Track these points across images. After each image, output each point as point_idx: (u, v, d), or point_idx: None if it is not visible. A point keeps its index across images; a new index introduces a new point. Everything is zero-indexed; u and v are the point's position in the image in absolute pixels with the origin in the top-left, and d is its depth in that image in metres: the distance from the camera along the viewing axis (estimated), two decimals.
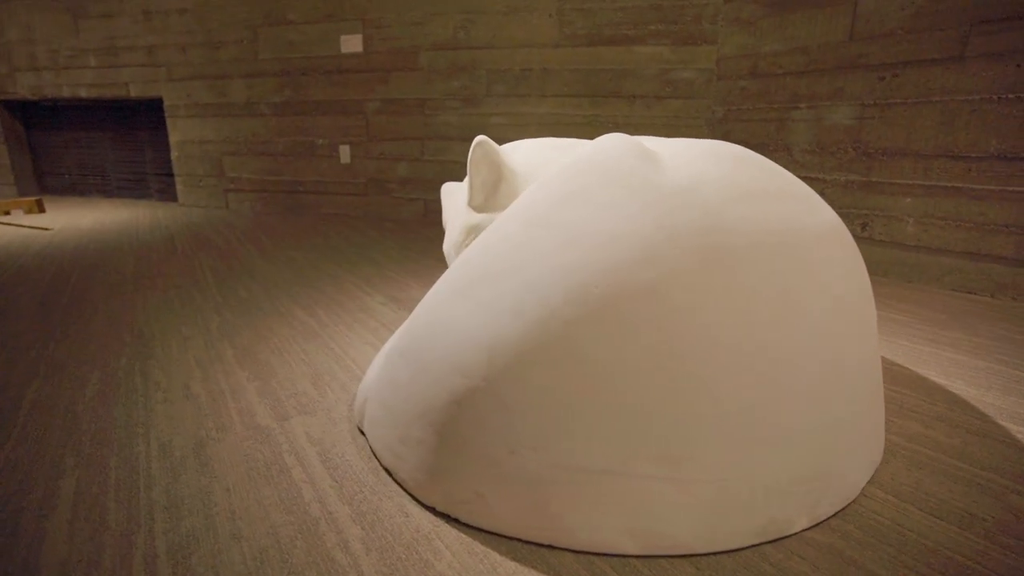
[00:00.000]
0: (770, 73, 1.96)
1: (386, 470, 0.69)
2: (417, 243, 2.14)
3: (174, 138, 3.01)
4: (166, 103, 2.96)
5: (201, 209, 3.03)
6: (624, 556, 0.55)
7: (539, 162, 0.87)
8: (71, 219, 2.75)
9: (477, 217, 0.89)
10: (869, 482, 0.68)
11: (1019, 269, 1.47)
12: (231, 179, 2.93)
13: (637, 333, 0.53)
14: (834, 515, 0.62)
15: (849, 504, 0.64)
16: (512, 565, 0.54)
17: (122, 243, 2.17)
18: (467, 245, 0.92)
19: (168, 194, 3.31)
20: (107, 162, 3.45)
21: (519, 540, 0.57)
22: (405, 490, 0.65)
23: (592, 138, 2.30)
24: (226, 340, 1.15)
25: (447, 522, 0.60)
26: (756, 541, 0.57)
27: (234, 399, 0.89)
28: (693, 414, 0.53)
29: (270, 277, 1.65)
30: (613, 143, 0.70)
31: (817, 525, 0.60)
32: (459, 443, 0.58)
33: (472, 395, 0.57)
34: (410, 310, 1.35)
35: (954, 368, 1.03)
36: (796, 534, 0.59)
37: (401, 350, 0.68)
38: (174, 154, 3.05)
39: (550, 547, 0.56)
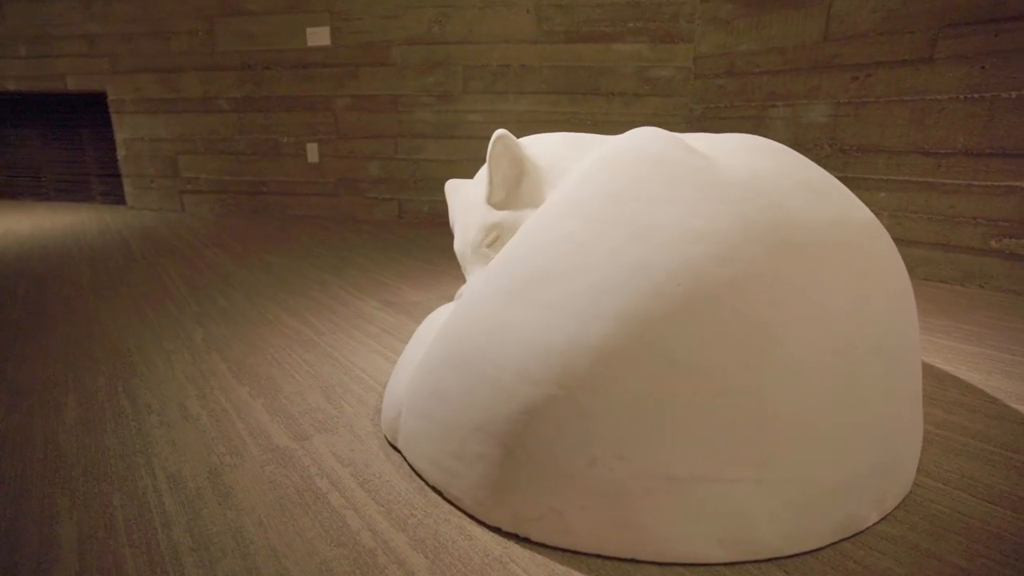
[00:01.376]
0: (747, 72, 2.01)
1: (434, 489, 0.64)
2: (398, 244, 2.07)
3: (121, 136, 2.79)
4: (110, 97, 2.74)
5: (154, 212, 2.82)
6: (711, 565, 0.53)
7: (560, 157, 0.84)
8: (6, 225, 2.50)
9: (498, 215, 0.85)
10: (916, 471, 0.69)
11: (985, 258, 1.56)
12: (187, 180, 2.75)
13: (722, 331, 0.51)
14: (897, 507, 0.62)
15: (907, 495, 0.64)
16: None
17: (71, 250, 1.99)
18: (487, 244, 0.87)
19: (114, 196, 3.07)
20: (41, 162, 3.17)
21: (599, 556, 0.54)
22: (460, 509, 0.61)
23: None
24: (216, 353, 1.06)
25: (517, 542, 0.56)
26: (835, 539, 0.56)
27: (241, 419, 0.82)
28: (777, 412, 0.52)
29: (249, 284, 1.55)
30: (654, 135, 0.68)
31: (884, 518, 0.60)
32: (530, 456, 0.54)
33: (545, 404, 0.53)
34: (408, 314, 1.29)
35: (953, 355, 1.07)
36: (868, 529, 0.58)
37: (447, 359, 0.63)
38: (121, 153, 2.83)
39: (633, 561, 0.53)
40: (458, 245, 0.95)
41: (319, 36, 2.36)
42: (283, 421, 0.81)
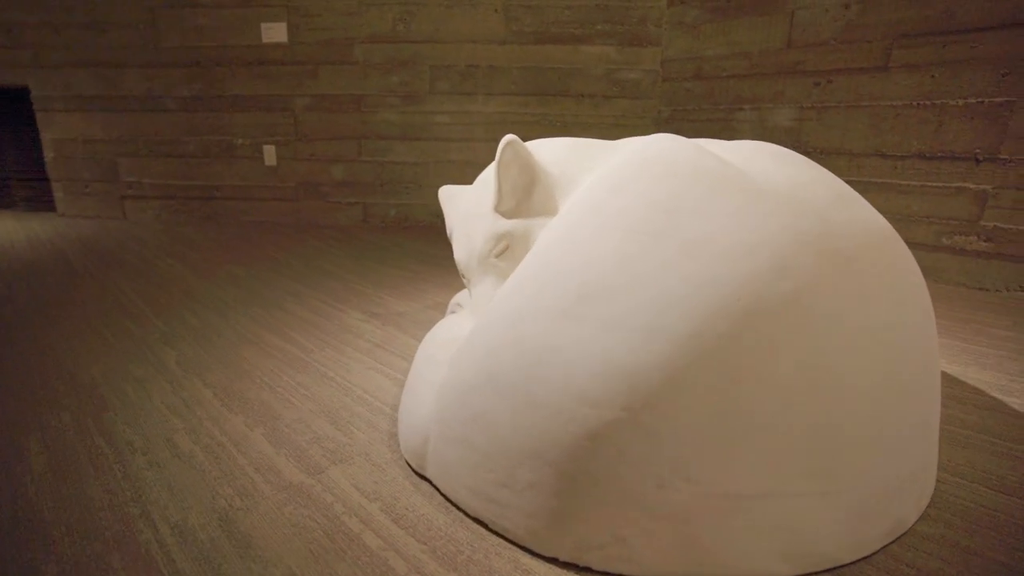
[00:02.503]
0: (714, 76, 2.06)
1: (476, 520, 0.61)
2: (369, 251, 1.99)
3: (48, 136, 2.55)
4: (34, 93, 2.50)
5: (90, 220, 2.59)
6: None
7: (569, 164, 0.82)
8: None
9: (507, 223, 0.81)
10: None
11: (938, 254, 1.67)
12: (128, 184, 2.54)
13: (784, 345, 0.51)
14: (929, 505, 0.64)
15: (933, 492, 0.66)
16: None
17: None
18: (496, 254, 0.84)
19: (40, 202, 2.80)
20: None
21: None
22: (509, 541, 0.58)
23: (542, 137, 2.28)
24: (196, 378, 0.98)
25: (576, 572, 0.53)
26: (885, 543, 0.57)
27: (242, 453, 0.75)
28: (836, 423, 0.52)
29: (216, 298, 1.44)
30: (676, 143, 0.67)
31: (921, 518, 0.62)
32: (594, 482, 0.52)
33: (610, 427, 0.51)
34: (397, 326, 1.24)
35: None
36: (909, 530, 0.60)
37: (486, 382, 0.60)
38: (49, 155, 2.58)
39: None
40: (460, 255, 0.91)
41: (275, 32, 2.24)
42: (291, 453, 0.75)
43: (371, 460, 0.73)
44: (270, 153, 2.38)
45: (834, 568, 0.54)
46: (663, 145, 0.68)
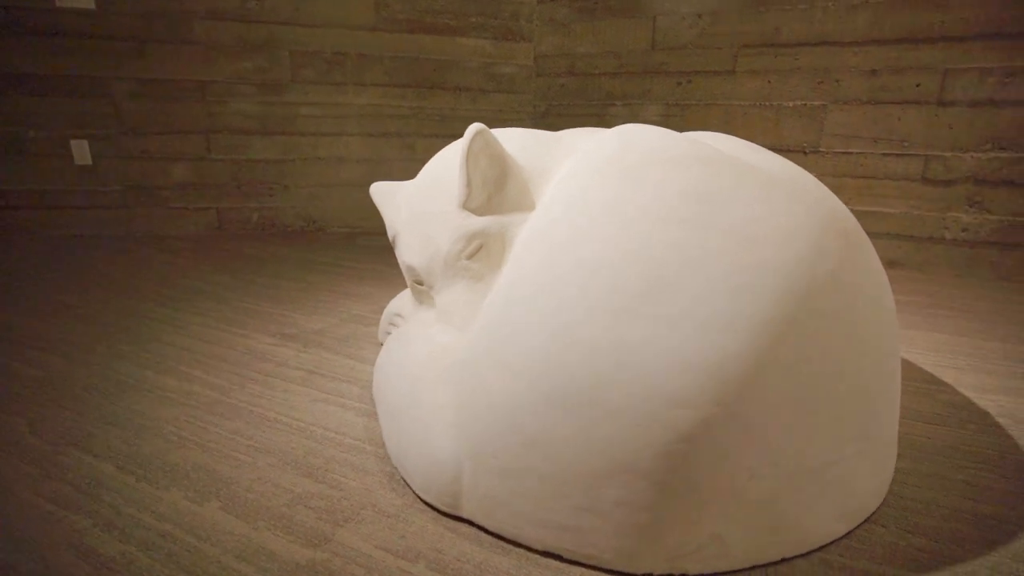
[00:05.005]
0: (587, 73, 2.17)
1: (546, 554, 0.55)
2: (240, 263, 1.71)
3: None
4: None
5: None
6: (836, 541, 0.57)
7: (538, 155, 0.78)
8: None
9: (480, 221, 0.75)
10: None
11: None
12: None
13: (834, 321, 0.55)
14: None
15: None
16: None
17: None
18: (468, 255, 0.77)
19: None
20: None
21: (754, 567, 0.53)
22: (593, 567, 0.53)
23: (420, 131, 2.18)
24: (74, 450, 0.74)
25: None
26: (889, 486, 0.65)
27: (205, 540, 0.58)
28: (870, 387, 0.58)
29: (53, 337, 1.11)
30: (661, 131, 0.70)
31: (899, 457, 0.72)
32: (690, 485, 0.50)
33: (704, 426, 0.49)
34: (323, 346, 1.08)
35: None
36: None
37: (541, 399, 0.54)
38: None
39: (782, 561, 0.54)
40: (416, 259, 0.82)
41: None
42: (274, 524, 0.60)
43: (382, 511, 0.62)
44: (81, 149, 1.91)
45: (869, 518, 0.61)
46: (652, 133, 0.69)
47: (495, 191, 0.76)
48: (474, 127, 0.71)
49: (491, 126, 2.26)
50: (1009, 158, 1.65)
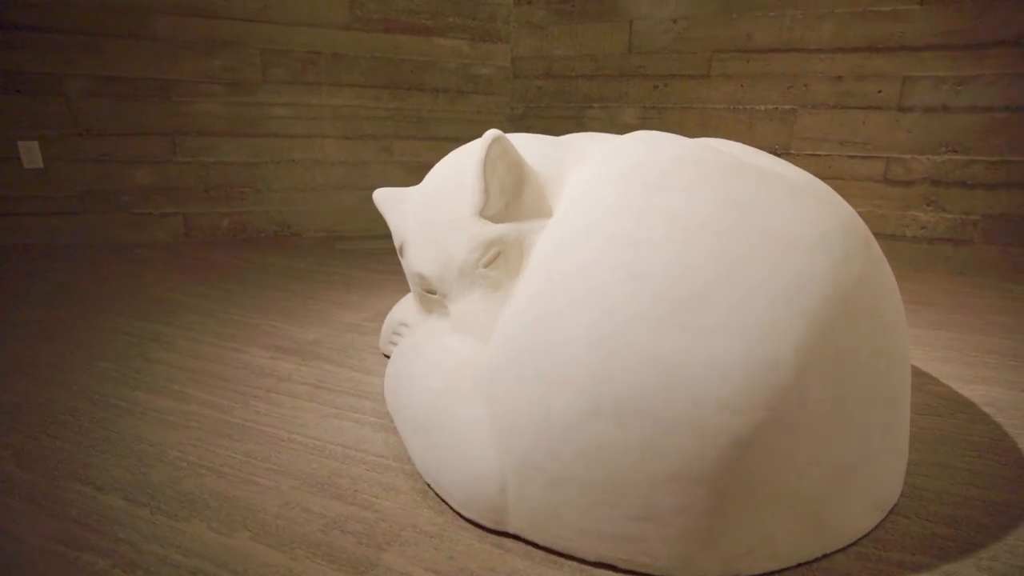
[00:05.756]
0: (564, 75, 2.18)
1: (599, 564, 0.55)
2: (212, 270, 1.63)
3: None
4: None
5: None
6: (867, 534, 0.59)
7: (549, 162, 0.79)
8: None
9: (498, 229, 0.74)
10: None
11: None
12: None
13: (864, 323, 0.57)
14: None
15: None
16: None
17: None
18: (485, 263, 0.76)
19: None
20: None
21: (799, 565, 0.55)
22: (646, 575, 0.54)
23: (398, 132, 2.15)
24: (74, 482, 0.69)
25: None
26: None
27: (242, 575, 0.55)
28: (895, 384, 0.61)
29: (30, 359, 1.03)
30: (672, 138, 0.71)
31: None
32: (744, 489, 0.51)
33: (758, 431, 0.51)
34: (324, 358, 1.05)
35: None
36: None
37: (595, 412, 0.54)
38: None
39: (823, 557, 0.56)
40: (428, 267, 0.81)
41: None
42: (313, 552, 0.58)
43: (423, 531, 0.61)
44: (31, 152, 1.77)
45: (893, 508, 0.64)
46: (672, 141, 0.70)
47: (512, 198, 0.75)
48: (491, 133, 0.70)
49: (469, 128, 2.25)
50: (961, 160, 1.77)
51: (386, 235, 2.18)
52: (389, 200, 0.93)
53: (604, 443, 0.53)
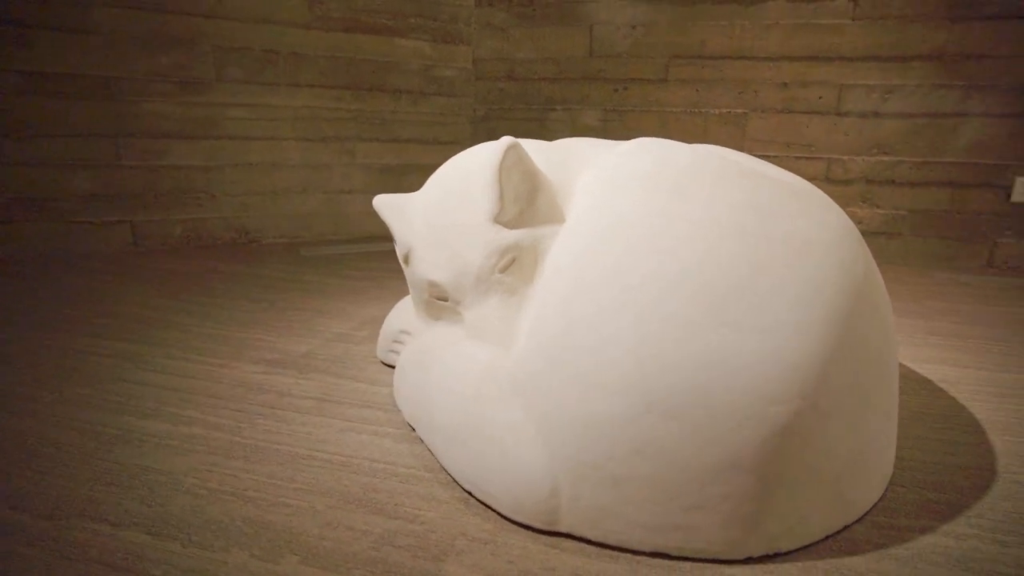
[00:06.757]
0: (527, 78, 2.21)
1: (654, 554, 0.58)
2: (172, 280, 1.53)
3: None
4: None
5: None
6: (875, 505, 0.66)
7: (556, 168, 0.81)
8: None
9: (513, 235, 0.76)
10: None
11: None
12: None
13: (872, 316, 0.64)
14: None
15: None
16: (853, 560, 0.57)
17: None
18: (501, 269, 0.78)
19: None
20: None
21: (825, 538, 0.60)
22: (698, 560, 0.57)
23: (360, 134, 2.10)
24: (77, 519, 0.64)
25: (771, 561, 0.57)
26: None
27: None
28: (893, 364, 0.68)
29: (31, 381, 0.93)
30: (678, 145, 0.76)
31: None
32: (784, 474, 0.56)
33: (796, 419, 0.55)
34: (321, 370, 1.02)
35: None
36: None
37: (647, 410, 0.57)
38: None
39: (844, 529, 0.62)
40: (442, 275, 0.82)
41: None
42: (375, 570, 0.57)
43: (475, 539, 0.62)
44: None
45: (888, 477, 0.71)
46: (679, 148, 0.75)
47: (526, 205, 0.77)
48: (506, 140, 0.72)
49: (432, 130, 2.23)
50: (890, 161, 1.95)
51: (352, 240, 2.13)
52: (392, 207, 0.92)
53: (656, 439, 0.56)
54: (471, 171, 0.82)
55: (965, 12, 1.79)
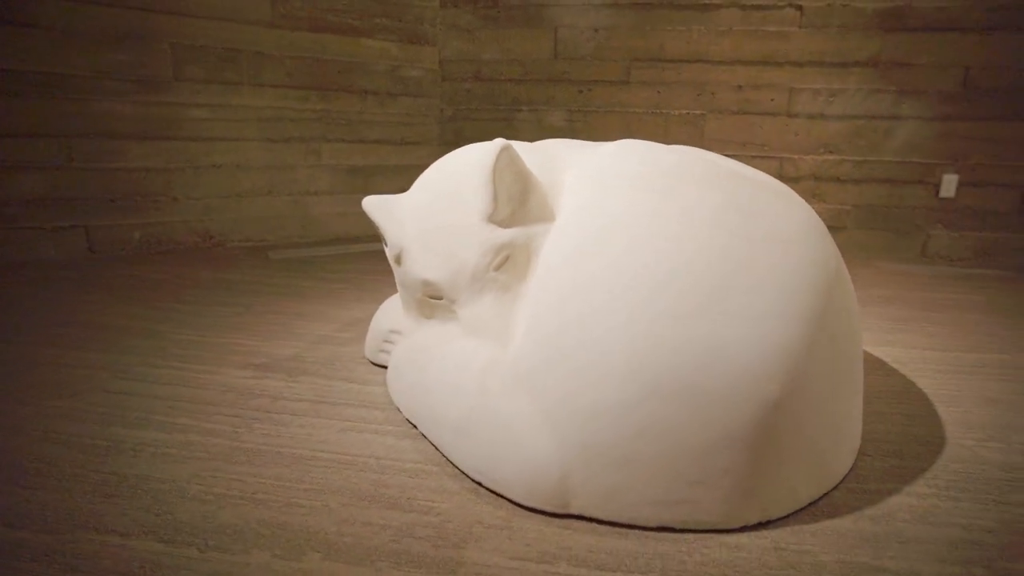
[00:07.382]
0: (493, 79, 2.23)
1: (660, 529, 0.63)
2: (137, 287, 1.48)
3: None
4: None
5: None
6: (849, 473, 0.73)
7: (543, 168, 0.85)
8: None
9: (507, 233, 0.80)
10: None
11: None
12: None
13: (843, 304, 0.70)
14: None
15: None
16: (835, 522, 0.64)
17: None
18: (495, 267, 0.81)
19: None
20: None
21: (809, 504, 0.67)
22: (700, 531, 0.62)
23: (326, 135, 2.08)
24: (125, 532, 0.63)
25: (765, 528, 0.63)
26: None
27: None
28: (858, 346, 0.75)
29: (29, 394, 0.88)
30: (659, 146, 0.82)
31: None
32: (777, 448, 0.61)
33: (786, 395, 0.60)
34: (308, 372, 1.02)
35: None
36: None
37: (651, 395, 0.61)
38: None
39: (825, 495, 0.68)
40: (437, 274, 0.84)
41: None
42: (400, 560, 0.59)
43: (491, 525, 0.64)
44: None
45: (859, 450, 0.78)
46: (662, 151, 0.80)
47: (519, 205, 0.80)
48: (499, 143, 0.75)
49: (400, 131, 2.22)
50: (835, 160, 2.10)
51: (321, 242, 2.10)
52: (382, 208, 0.93)
53: (660, 420, 0.61)
54: (463, 172, 0.85)
55: (894, 23, 1.94)
